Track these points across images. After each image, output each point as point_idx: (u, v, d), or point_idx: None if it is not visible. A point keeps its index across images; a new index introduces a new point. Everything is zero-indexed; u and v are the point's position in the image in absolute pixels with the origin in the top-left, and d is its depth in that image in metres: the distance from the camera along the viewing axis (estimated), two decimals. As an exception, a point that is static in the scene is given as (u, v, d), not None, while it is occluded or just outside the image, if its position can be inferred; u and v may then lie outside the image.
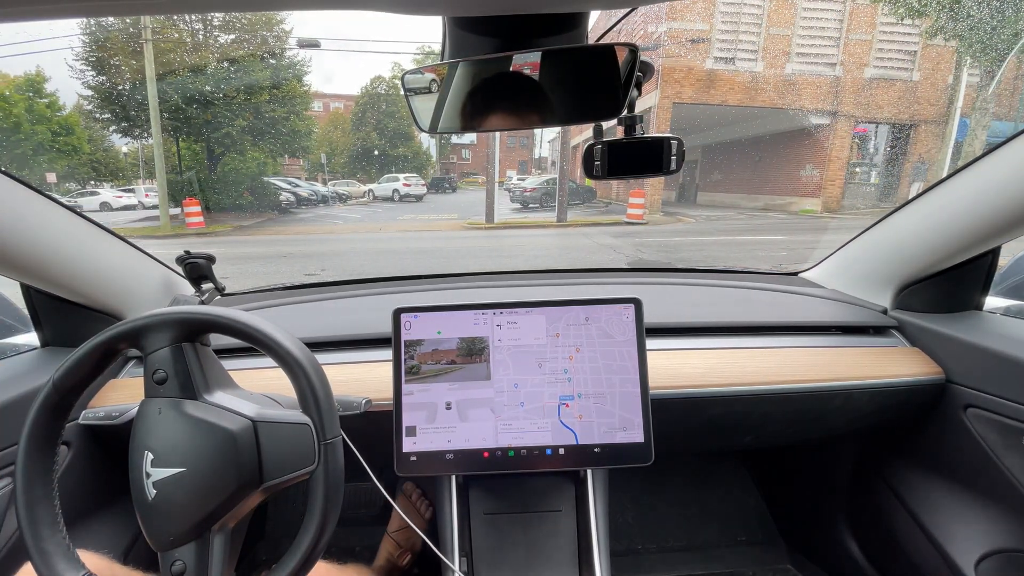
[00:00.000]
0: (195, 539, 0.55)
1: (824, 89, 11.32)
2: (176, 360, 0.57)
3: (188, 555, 0.55)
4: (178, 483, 0.54)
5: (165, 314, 0.57)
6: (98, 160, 16.15)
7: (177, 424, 0.56)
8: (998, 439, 0.90)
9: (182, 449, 0.55)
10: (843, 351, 1.03)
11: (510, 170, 29.09)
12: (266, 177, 13.81)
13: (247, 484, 0.56)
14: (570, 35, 0.55)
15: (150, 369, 0.57)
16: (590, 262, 6.74)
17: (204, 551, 0.55)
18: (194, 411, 0.56)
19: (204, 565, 0.55)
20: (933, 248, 0.97)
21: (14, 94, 13.02)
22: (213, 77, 12.31)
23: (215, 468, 0.55)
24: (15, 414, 0.79)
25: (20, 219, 0.77)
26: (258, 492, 0.57)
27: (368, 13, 0.41)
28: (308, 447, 0.56)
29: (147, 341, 0.58)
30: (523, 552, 0.88)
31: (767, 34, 11.11)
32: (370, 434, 0.86)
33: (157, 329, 0.57)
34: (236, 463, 0.55)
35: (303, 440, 0.56)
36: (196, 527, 0.55)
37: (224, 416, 0.57)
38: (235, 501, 0.56)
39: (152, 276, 1.08)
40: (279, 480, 0.56)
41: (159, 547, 0.56)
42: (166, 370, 0.57)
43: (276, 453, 0.57)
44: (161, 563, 0.56)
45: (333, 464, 0.56)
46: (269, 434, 0.57)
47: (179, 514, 0.54)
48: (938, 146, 10.39)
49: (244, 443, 0.56)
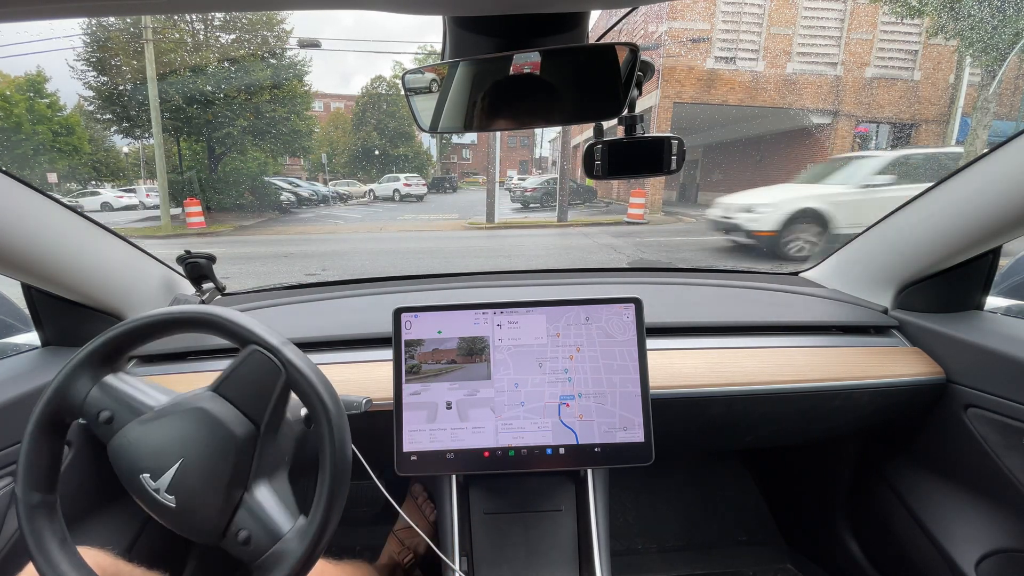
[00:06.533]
0: (238, 505, 0.55)
1: (825, 89, 11.30)
2: (107, 396, 0.58)
3: (244, 521, 0.55)
4: (185, 475, 0.55)
5: (67, 366, 0.57)
6: (99, 160, 16.17)
7: (148, 435, 0.56)
8: (999, 439, 0.90)
9: (167, 447, 0.55)
10: (843, 351, 1.03)
11: (511, 170, 29.10)
12: (267, 177, 13.82)
13: (245, 435, 0.56)
14: (570, 35, 0.55)
15: (94, 420, 0.57)
16: (591, 262, 6.73)
17: (254, 508, 0.56)
18: (154, 416, 0.57)
19: (263, 520, 0.55)
20: (934, 248, 0.97)
21: (15, 94, 13.04)
22: (214, 77, 12.32)
23: (205, 438, 0.55)
24: (16, 413, 0.79)
25: (21, 219, 0.77)
26: (263, 433, 0.57)
27: (369, 13, 0.41)
28: (270, 364, 0.56)
29: (72, 399, 0.57)
30: (523, 551, 0.88)
31: (768, 33, 11.09)
32: (371, 434, 0.86)
33: (74, 379, 0.57)
34: (221, 423, 0.56)
35: (264, 363, 0.57)
36: (228, 496, 0.55)
37: (183, 401, 0.58)
38: (247, 452, 0.56)
39: (153, 276, 1.09)
40: (268, 411, 0.57)
41: (214, 539, 0.56)
42: (108, 408, 0.57)
43: (247, 392, 0.57)
44: (228, 546, 0.56)
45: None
46: (231, 386, 0.58)
47: (205, 498, 0.55)
48: (939, 146, 10.37)
49: (217, 407, 0.57)
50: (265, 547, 0.54)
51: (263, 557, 0.54)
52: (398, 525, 1.33)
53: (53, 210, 0.83)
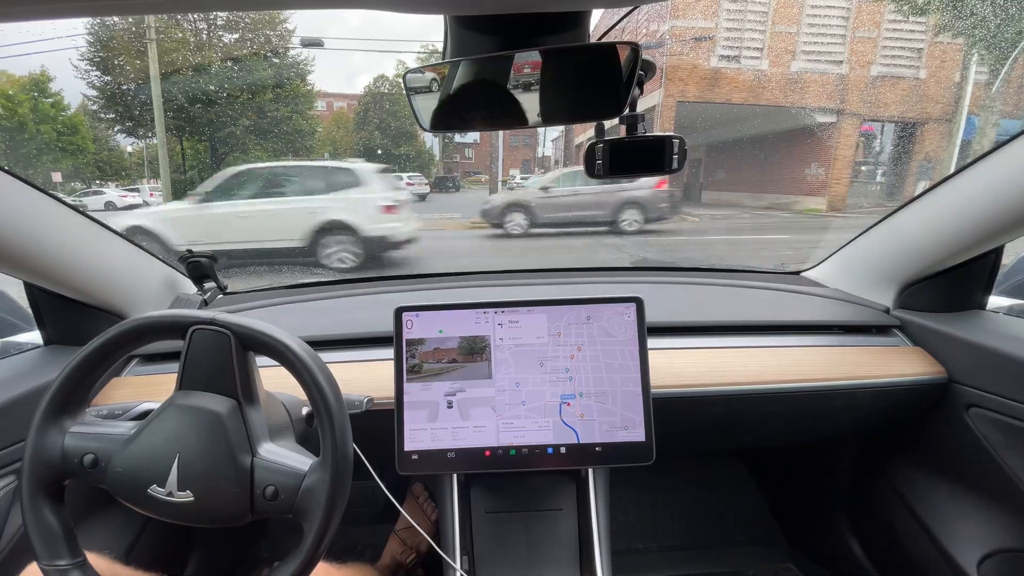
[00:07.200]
0: (253, 470, 0.56)
1: (830, 87, 11.23)
2: (82, 440, 0.57)
3: (264, 478, 0.56)
4: (188, 467, 0.55)
5: (32, 429, 0.57)
6: (103, 160, 16.22)
7: (137, 452, 0.56)
8: (1001, 439, 0.90)
9: (159, 452, 0.56)
10: (845, 350, 1.03)
11: (513, 169, 29.04)
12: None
13: (228, 410, 0.57)
14: (572, 34, 0.55)
15: (80, 468, 0.57)
16: (594, 260, 6.71)
17: (269, 463, 0.56)
18: (135, 435, 0.57)
19: (282, 468, 0.56)
20: (936, 247, 0.97)
21: (19, 94, 13.09)
22: (217, 76, 12.36)
23: (191, 427, 0.56)
24: (19, 412, 0.79)
25: (23, 218, 0.78)
26: (244, 402, 0.58)
27: (376, 13, 0.41)
28: (214, 334, 0.57)
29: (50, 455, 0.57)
30: (524, 551, 0.88)
31: (772, 32, 11.04)
32: (372, 433, 0.86)
33: (44, 436, 0.57)
34: (200, 409, 0.57)
35: (208, 337, 0.57)
36: (238, 466, 0.56)
37: (156, 410, 0.58)
38: (238, 424, 0.57)
39: (155, 275, 1.09)
40: (237, 378, 0.58)
41: (246, 510, 0.56)
42: (89, 451, 0.57)
43: (209, 372, 0.58)
44: (261, 510, 0.56)
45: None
46: (192, 375, 0.58)
47: (218, 477, 0.55)
48: (945, 144, 10.30)
49: (189, 400, 0.57)
50: (295, 489, 0.55)
51: (297, 499, 0.55)
52: (400, 525, 1.34)
53: (55, 209, 0.83)
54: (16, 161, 12.33)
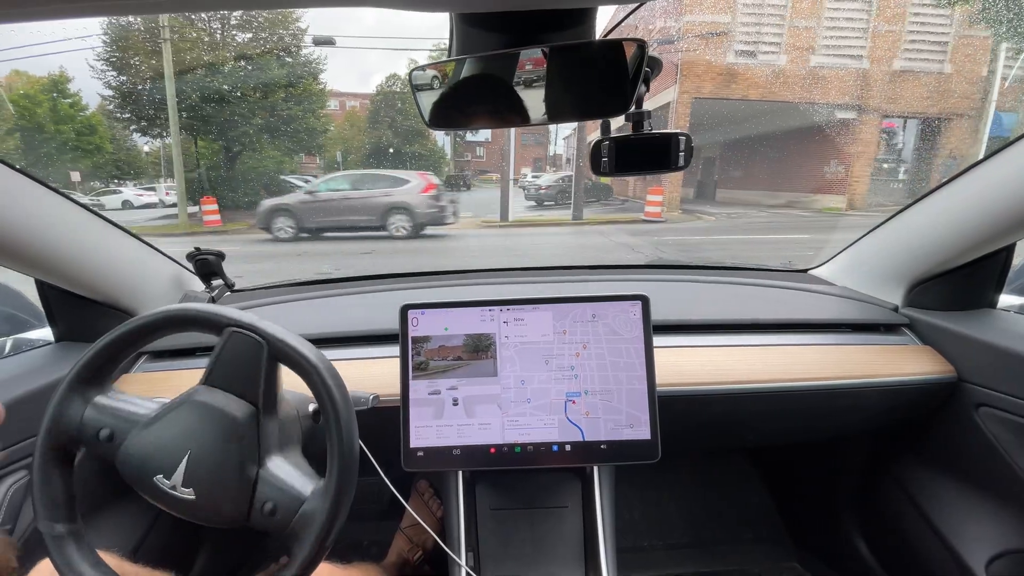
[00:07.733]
0: (256, 482, 0.56)
1: (850, 83, 10.98)
2: (102, 414, 0.59)
3: (265, 493, 0.56)
4: (196, 465, 0.55)
5: (56, 395, 0.58)
6: (120, 159, 16.50)
7: (152, 439, 0.57)
8: (1011, 438, 0.88)
9: (172, 444, 0.56)
10: (853, 349, 1.02)
11: (525, 167, 28.97)
12: (283, 175, 13.96)
13: (246, 416, 0.57)
14: (578, 31, 0.55)
15: (95, 440, 0.58)
16: (608, 261, 6.67)
17: (273, 479, 0.57)
18: (153, 420, 0.58)
19: (284, 488, 0.56)
20: (946, 245, 0.96)
21: (39, 94, 13.35)
22: (230, 76, 12.47)
23: (207, 427, 0.56)
24: (32, 407, 0.81)
25: (35, 216, 0.79)
26: (263, 411, 0.58)
27: (391, 11, 0.41)
28: (250, 341, 0.57)
29: (68, 423, 0.58)
30: (529, 548, 0.88)
31: (791, 26, 10.83)
32: (377, 430, 0.87)
33: (66, 404, 0.58)
34: (219, 410, 0.57)
35: (244, 342, 0.58)
36: (243, 476, 0.56)
37: (177, 400, 0.59)
38: (252, 431, 0.57)
39: (163, 272, 1.11)
40: (262, 387, 0.58)
41: (241, 519, 0.56)
42: (106, 425, 0.58)
43: (236, 374, 0.58)
44: (256, 522, 0.56)
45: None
46: (219, 373, 0.59)
47: (222, 482, 0.56)
48: (971, 141, 10.03)
49: (211, 397, 0.58)
50: (292, 511, 0.55)
51: (293, 521, 0.55)
52: (405, 522, 1.35)
53: (66, 208, 0.85)
54: (36, 161, 12.59)
